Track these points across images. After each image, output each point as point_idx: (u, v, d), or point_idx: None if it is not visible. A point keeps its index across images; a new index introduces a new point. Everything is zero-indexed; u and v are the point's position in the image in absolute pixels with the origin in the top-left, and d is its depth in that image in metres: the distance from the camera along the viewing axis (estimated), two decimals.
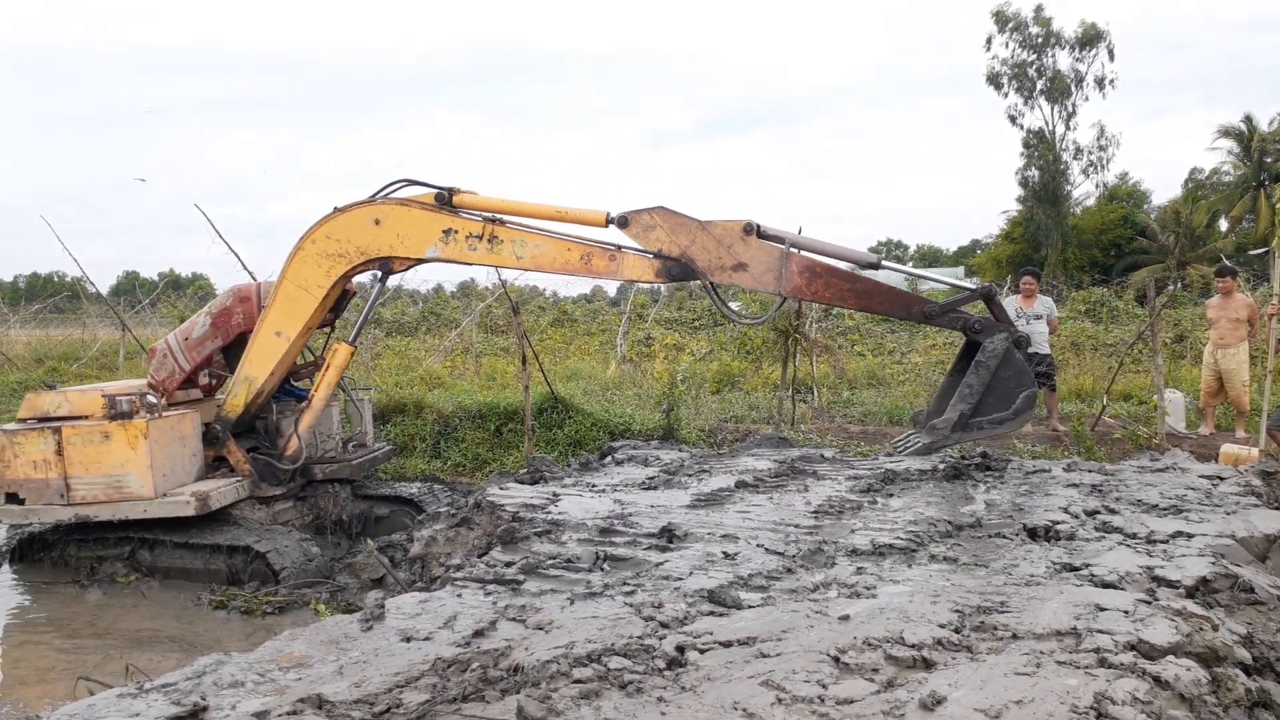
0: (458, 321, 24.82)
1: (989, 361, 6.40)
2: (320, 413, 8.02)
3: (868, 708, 3.17)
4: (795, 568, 5.03)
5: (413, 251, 7.35)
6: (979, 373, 6.42)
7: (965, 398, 6.44)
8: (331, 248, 7.46)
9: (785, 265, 6.67)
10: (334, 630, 4.28)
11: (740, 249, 6.76)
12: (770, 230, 6.80)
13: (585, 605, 4.49)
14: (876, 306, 6.90)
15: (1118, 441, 10.49)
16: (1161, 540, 5.23)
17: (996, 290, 6.74)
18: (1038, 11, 45.48)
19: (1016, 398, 6.43)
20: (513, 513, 6.37)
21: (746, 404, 13.98)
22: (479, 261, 7.38)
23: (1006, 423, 6.49)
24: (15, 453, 7.47)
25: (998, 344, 6.41)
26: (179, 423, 7.78)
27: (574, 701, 3.30)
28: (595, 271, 7.12)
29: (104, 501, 7.40)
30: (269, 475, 8.05)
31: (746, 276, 6.80)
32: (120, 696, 3.59)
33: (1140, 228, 44.35)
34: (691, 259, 6.79)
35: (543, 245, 7.14)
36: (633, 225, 6.87)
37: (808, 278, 6.72)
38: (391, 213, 7.34)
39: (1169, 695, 3.29)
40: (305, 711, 3.33)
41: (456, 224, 7.25)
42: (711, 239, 6.75)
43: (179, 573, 7.48)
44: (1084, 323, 21.13)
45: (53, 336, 26.65)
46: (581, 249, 7.09)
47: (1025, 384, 6.46)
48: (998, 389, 6.45)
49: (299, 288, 7.57)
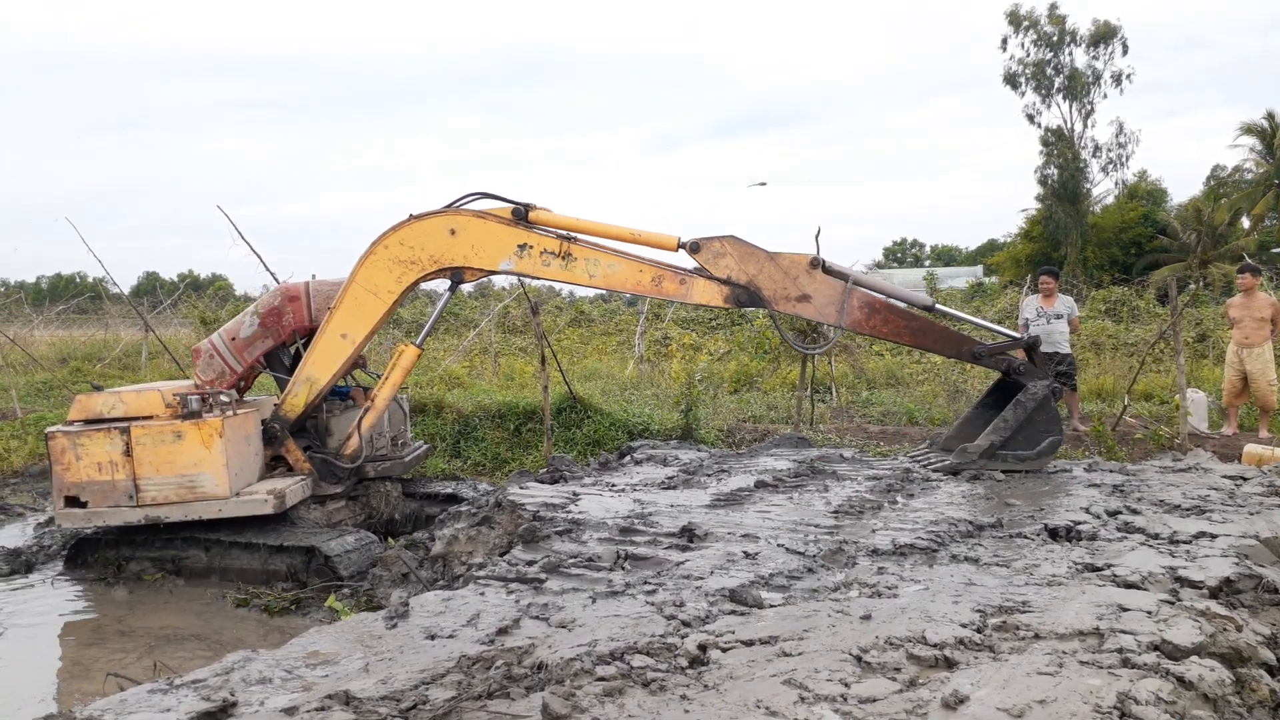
0: (476, 322, 24.92)
1: (1028, 403, 7.01)
2: (382, 412, 8.09)
3: (890, 706, 3.19)
4: (816, 567, 5.05)
5: (487, 264, 7.49)
6: (1017, 411, 7.04)
7: (1000, 430, 7.02)
8: (404, 254, 7.53)
9: (848, 300, 7.10)
10: (360, 628, 4.33)
11: (805, 281, 7.15)
12: (834, 266, 7.19)
13: (607, 604, 4.52)
14: (929, 344, 7.43)
15: (1139, 441, 10.43)
16: (1184, 541, 5.21)
17: (1039, 341, 7.45)
18: (1052, 10, 45.29)
19: (1043, 440, 7.03)
20: (533, 512, 6.40)
21: (765, 404, 13.98)
22: (551, 277, 7.60)
23: (1028, 461, 7.06)
24: (78, 454, 7.24)
25: (1040, 390, 7.03)
26: (245, 421, 7.80)
27: (598, 699, 3.33)
28: (665, 293, 7.43)
29: (176, 502, 7.27)
30: (327, 474, 8.13)
31: (810, 308, 7.20)
32: (151, 692, 3.64)
33: (1161, 226, 44.00)
34: (758, 288, 7.14)
35: (616, 265, 7.36)
36: (704, 251, 7.19)
37: (867, 313, 7.17)
38: (468, 224, 7.44)
39: (1192, 696, 3.29)
40: (333, 708, 3.38)
41: (532, 239, 7.40)
42: (779, 270, 7.12)
43: (237, 573, 7.47)
44: (1104, 322, 21.00)
45: (76, 337, 26.94)
46: (653, 271, 7.33)
47: (1054, 430, 7.08)
48: (1029, 429, 7.04)
49: (369, 292, 7.64)
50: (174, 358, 16.73)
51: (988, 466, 7.06)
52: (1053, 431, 7.06)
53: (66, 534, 8.31)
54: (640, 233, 7.36)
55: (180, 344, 21.42)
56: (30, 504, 10.45)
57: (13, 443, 12.35)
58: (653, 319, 23.86)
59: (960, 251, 76.39)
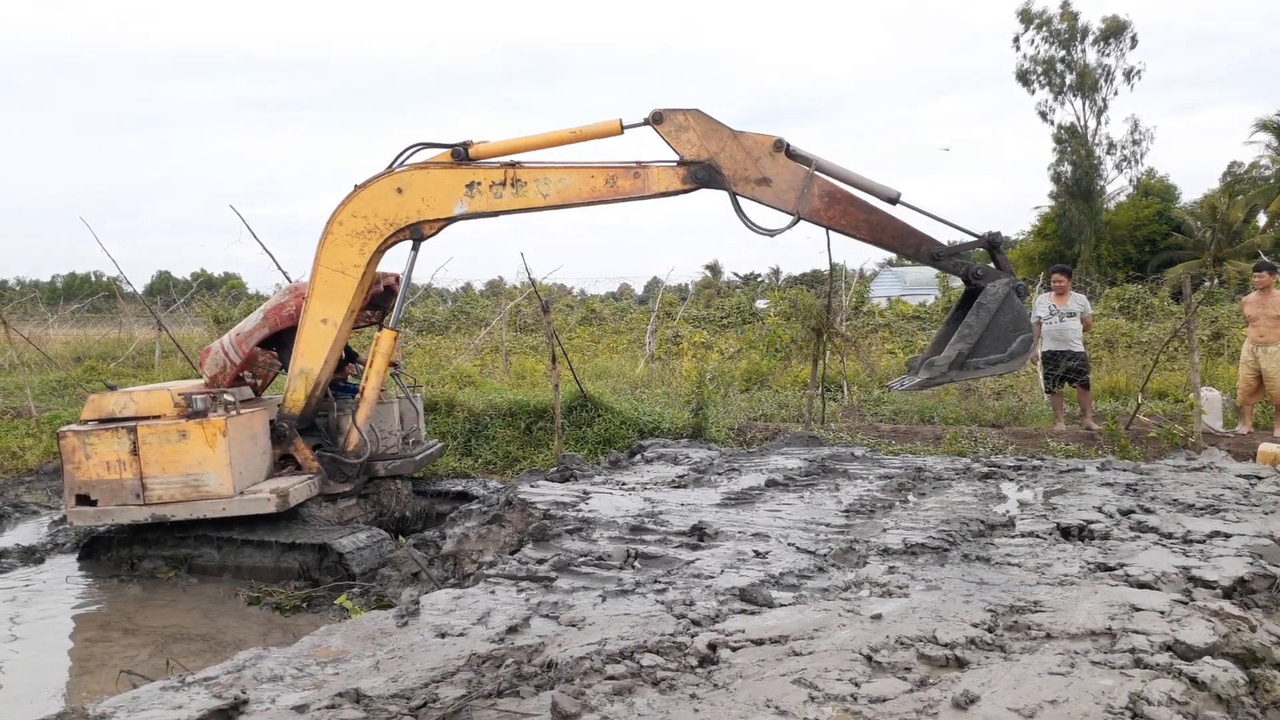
0: (487, 320, 24.96)
1: (989, 304, 6.50)
2: (373, 403, 8.02)
3: (900, 706, 3.18)
4: (827, 566, 5.04)
5: (440, 212, 7.34)
6: (979, 315, 6.50)
7: (964, 338, 6.51)
8: (360, 225, 7.47)
9: (808, 187, 6.71)
10: (370, 626, 4.34)
11: (767, 164, 6.78)
12: (799, 150, 6.80)
13: (617, 602, 4.52)
14: (887, 241, 6.93)
15: (1153, 440, 10.37)
16: (1198, 540, 5.18)
17: (1000, 240, 6.82)
18: (1064, 7, 45.08)
19: (1013, 341, 6.50)
20: (544, 510, 6.41)
21: (776, 402, 13.96)
22: (507, 208, 7.29)
23: (1001, 364, 6.55)
24: (88, 453, 7.34)
25: (999, 288, 6.50)
26: (251, 420, 7.84)
27: (608, 698, 3.33)
28: (621, 192, 7.06)
29: (181, 501, 7.34)
30: (335, 472, 8.12)
31: (768, 192, 6.81)
32: (163, 689, 3.66)
33: (1175, 223, 43.74)
34: (718, 166, 6.80)
35: (567, 178, 7.10)
36: (666, 123, 6.87)
37: (827, 202, 6.75)
38: (412, 179, 7.35)
39: (1206, 696, 3.27)
40: (343, 705, 3.39)
41: (478, 175, 7.21)
42: (741, 149, 6.79)
43: (249, 571, 7.49)
44: (1118, 319, 20.88)
45: (90, 336, 27.08)
46: (605, 172, 7.04)
47: (1022, 328, 6.52)
48: (995, 332, 6.53)
49: (336, 271, 7.59)
50: (187, 356, 16.82)
51: (960, 377, 6.66)
52: (1021, 329, 6.54)
53: (80, 532, 8.38)
54: (581, 129, 7.08)
55: (193, 343, 21.51)
56: (45, 502, 10.51)
57: (28, 441, 12.43)
58: (664, 317, 23.86)
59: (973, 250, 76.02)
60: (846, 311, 18.38)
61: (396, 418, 8.87)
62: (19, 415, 13.96)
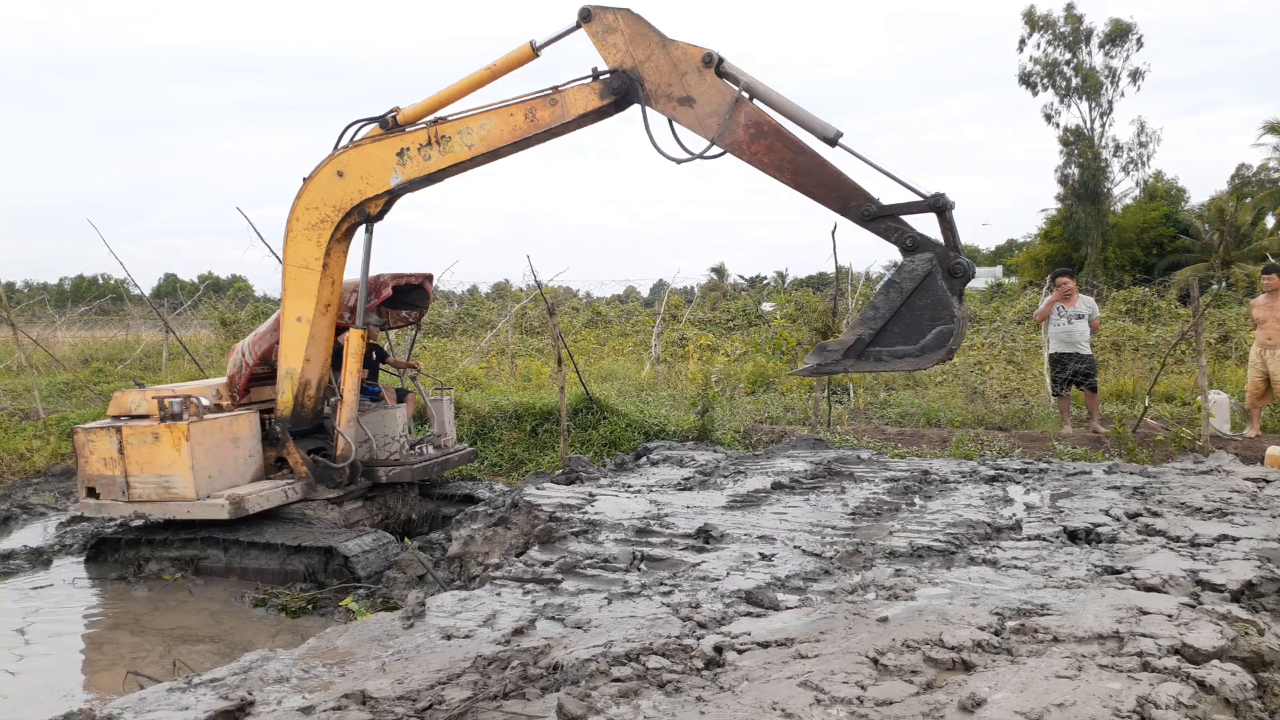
0: (493, 323, 24.98)
1: (904, 283, 5.45)
2: (352, 405, 7.95)
3: (907, 709, 3.17)
4: (833, 569, 5.03)
5: (379, 187, 7.24)
6: (889, 295, 5.48)
7: (867, 320, 5.52)
8: (313, 217, 7.46)
9: (734, 112, 5.92)
10: (376, 628, 4.35)
11: (693, 80, 6.07)
12: (731, 69, 6.02)
13: (623, 605, 4.52)
14: (812, 189, 5.86)
15: (1160, 443, 10.33)
16: (1206, 543, 5.16)
17: (951, 204, 5.61)
18: (1069, 9, 45.03)
19: (928, 332, 5.39)
20: (549, 513, 6.41)
21: (782, 405, 13.95)
22: (438, 168, 7.08)
23: (910, 359, 5.47)
24: (91, 450, 7.77)
25: (918, 264, 5.43)
26: (231, 424, 7.87)
27: (613, 700, 3.33)
28: (543, 124, 6.68)
29: (155, 500, 7.60)
30: (325, 477, 8.08)
31: (690, 114, 6.09)
32: (170, 690, 3.67)
33: (1183, 226, 43.62)
34: (641, 77, 6.22)
35: (487, 122, 6.83)
36: (595, 22, 6.36)
37: (752, 134, 5.92)
38: (348, 158, 7.31)
39: (1213, 700, 3.26)
40: (349, 707, 3.39)
41: (406, 141, 7.07)
42: (668, 60, 6.14)
43: (255, 573, 7.52)
44: (1125, 322, 20.83)
45: (98, 338, 27.17)
46: (523, 107, 6.71)
47: (941, 318, 5.38)
48: (909, 317, 5.44)
49: (301, 268, 7.59)
50: (194, 359, 16.87)
51: (859, 367, 5.61)
52: (941, 319, 5.36)
53: (87, 534, 8.45)
54: (495, 64, 6.78)
55: (200, 345, 21.59)
56: (52, 504, 10.54)
57: (35, 443, 12.47)
58: (669, 320, 23.85)
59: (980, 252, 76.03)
60: (852, 314, 18.30)
61: (399, 423, 8.77)
62: (27, 417, 14.01)
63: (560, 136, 6.90)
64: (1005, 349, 18.49)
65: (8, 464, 11.77)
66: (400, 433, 8.58)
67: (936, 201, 5.54)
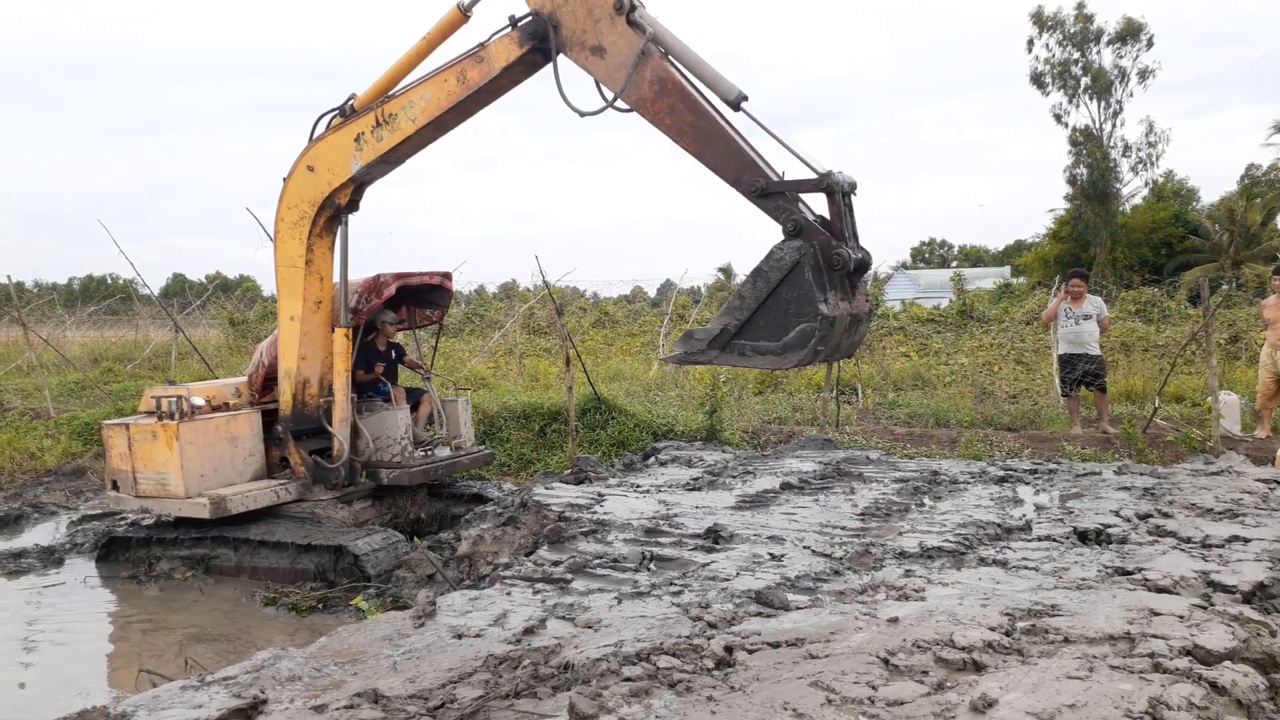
0: (501, 323, 25.01)
1: (770, 272, 4.95)
2: (343, 405, 7.95)
3: (918, 709, 3.17)
4: (843, 569, 5.03)
5: (343, 176, 7.25)
6: (755, 283, 5.02)
7: (733, 310, 5.09)
8: (295, 215, 7.55)
9: (639, 67, 5.51)
10: (387, 627, 4.36)
11: (605, 28, 5.68)
12: (643, 17, 5.59)
13: (633, 604, 4.53)
14: (709, 159, 5.44)
15: (1170, 444, 10.30)
16: (1217, 545, 5.15)
17: (844, 187, 5.04)
18: (1079, 9, 44.89)
19: (792, 329, 4.90)
20: (559, 512, 6.42)
21: (790, 405, 13.94)
22: (389, 147, 6.97)
23: (771, 356, 5.02)
24: (111, 445, 8.04)
25: (786, 252, 4.90)
26: (229, 423, 7.93)
27: (624, 699, 3.34)
28: (473, 83, 6.48)
29: (155, 496, 7.78)
30: (321, 477, 8.10)
31: (601, 65, 5.73)
32: (183, 688, 3.69)
33: (1192, 226, 43.47)
34: (558, 22, 5.88)
35: (425, 92, 6.71)
36: None
37: (657, 91, 5.51)
38: (315, 152, 7.36)
39: (1226, 701, 3.25)
40: (362, 706, 3.40)
41: (360, 125, 7.04)
42: (584, 6, 5.78)
43: (265, 572, 7.55)
44: (1134, 323, 20.76)
45: (107, 337, 27.28)
46: (454, 70, 6.54)
47: (806, 313, 4.87)
48: (775, 310, 4.97)
49: (289, 267, 7.68)
50: (203, 358, 16.92)
51: (721, 359, 5.20)
52: (805, 316, 4.86)
53: (99, 533, 8.50)
54: (429, 34, 6.67)
55: (209, 345, 21.65)
56: (63, 503, 10.59)
57: (46, 442, 12.53)
58: (677, 320, 23.85)
59: (988, 252, 75.92)
60: None
61: (400, 425, 8.64)
62: (37, 416, 14.08)
63: (497, 97, 6.69)
64: (1014, 349, 18.45)
65: (19, 463, 11.83)
66: (401, 435, 8.45)
67: (823, 181, 5.01)
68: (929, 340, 21.40)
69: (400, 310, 9.17)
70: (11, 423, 13.62)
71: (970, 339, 20.61)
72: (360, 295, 8.05)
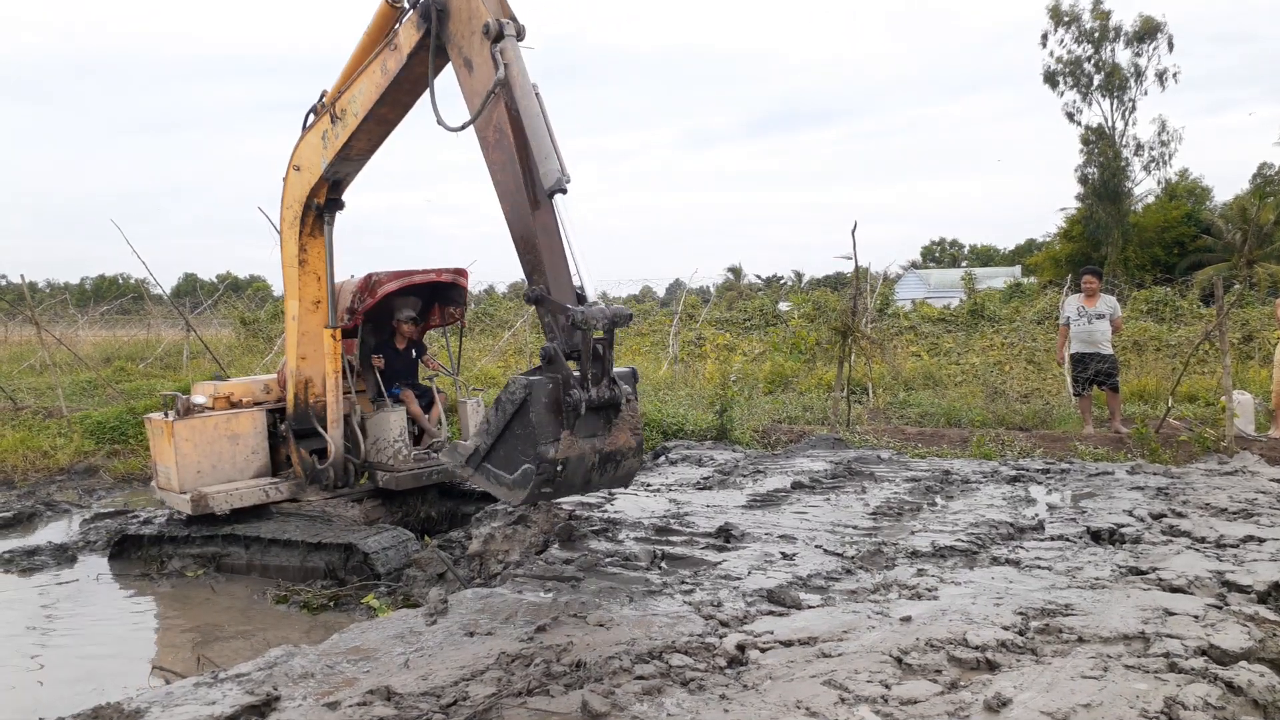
0: (511, 322, 25.04)
1: (505, 405, 4.80)
2: (334, 406, 7.96)
3: (932, 708, 3.16)
4: (855, 569, 5.02)
5: (317, 175, 7.24)
6: (497, 415, 4.87)
7: (483, 433, 5.00)
8: (290, 215, 7.65)
9: (488, 106, 5.12)
10: (399, 624, 4.37)
11: (477, 45, 5.25)
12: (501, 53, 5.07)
13: (645, 603, 4.53)
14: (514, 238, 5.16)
15: (1183, 444, 10.24)
16: (1231, 545, 5.12)
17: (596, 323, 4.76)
18: (1096, 5, 44.63)
19: (518, 466, 4.76)
20: (569, 511, 6.43)
21: (800, 405, 13.91)
22: (342, 143, 6.83)
23: (504, 489, 4.89)
24: (149, 437, 8.31)
25: (516, 388, 4.75)
26: (229, 422, 8.01)
27: (637, 697, 3.34)
28: (391, 71, 6.23)
29: (165, 490, 7.96)
30: (315, 477, 8.11)
31: (467, 82, 5.36)
32: (196, 685, 3.70)
33: (1204, 225, 43.22)
34: (448, 10, 5.47)
35: (361, 85, 6.56)
36: None
37: (495, 139, 5.18)
38: (298, 152, 7.43)
39: (1241, 701, 3.23)
40: (374, 703, 3.41)
41: (324, 123, 7.00)
42: (469, 8, 5.33)
43: (276, 570, 7.57)
44: (1146, 322, 20.67)
45: (119, 337, 27.41)
46: (378, 61, 6.34)
47: (528, 454, 4.70)
48: (510, 443, 4.82)
49: (289, 266, 7.79)
50: (215, 358, 16.98)
51: (474, 479, 5.11)
52: (528, 455, 4.68)
53: (111, 530, 8.55)
54: (368, 28, 6.57)
55: (221, 344, 21.74)
56: (75, 501, 10.64)
57: (59, 440, 12.58)
58: (686, 320, 23.85)
59: (999, 252, 75.65)
60: (871, 313, 18.28)
61: (395, 426, 8.56)
62: (50, 415, 14.15)
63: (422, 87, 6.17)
64: (1025, 349, 18.39)
65: (32, 461, 11.88)
66: (395, 437, 8.37)
67: (574, 317, 4.71)
68: (940, 340, 21.35)
69: (432, 310, 9.22)
70: (25, 421, 13.68)
71: (981, 338, 20.55)
72: (354, 295, 8.08)
